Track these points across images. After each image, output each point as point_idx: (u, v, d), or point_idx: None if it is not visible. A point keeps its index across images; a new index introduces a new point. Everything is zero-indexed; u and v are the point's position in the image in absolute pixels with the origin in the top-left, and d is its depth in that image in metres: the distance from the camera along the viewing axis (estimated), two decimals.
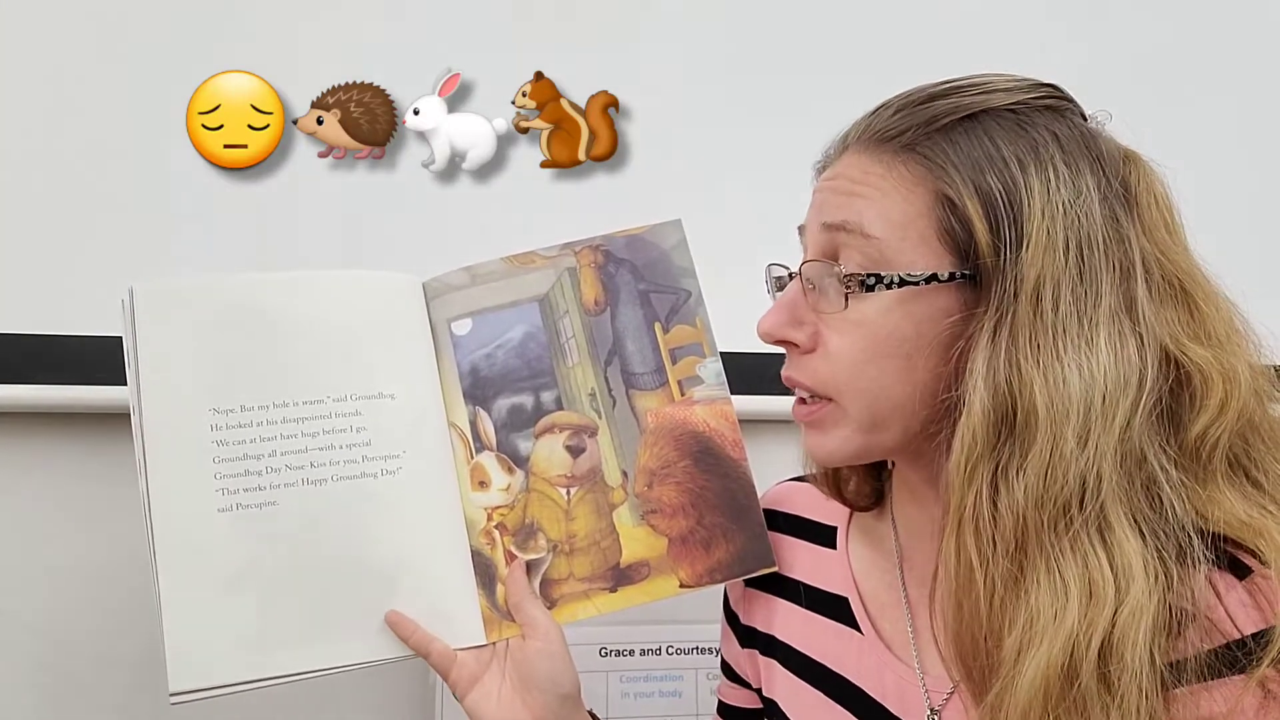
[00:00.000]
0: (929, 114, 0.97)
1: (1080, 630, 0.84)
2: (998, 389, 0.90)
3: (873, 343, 0.97)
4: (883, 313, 0.96)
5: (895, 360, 0.96)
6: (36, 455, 1.63)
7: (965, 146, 0.95)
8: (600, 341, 1.25)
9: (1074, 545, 0.87)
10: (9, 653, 1.62)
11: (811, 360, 1.01)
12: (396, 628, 1.14)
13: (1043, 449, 0.88)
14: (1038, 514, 0.88)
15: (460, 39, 1.73)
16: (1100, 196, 0.93)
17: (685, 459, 1.22)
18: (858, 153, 1.01)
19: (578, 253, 1.26)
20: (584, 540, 1.21)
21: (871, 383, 0.97)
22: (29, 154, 1.63)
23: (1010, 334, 0.90)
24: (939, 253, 0.95)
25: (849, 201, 0.98)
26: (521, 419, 1.23)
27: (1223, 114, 1.85)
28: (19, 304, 1.61)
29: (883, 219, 0.96)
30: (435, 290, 1.26)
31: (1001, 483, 0.89)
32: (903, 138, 0.97)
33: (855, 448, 1.01)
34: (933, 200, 0.95)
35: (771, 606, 1.22)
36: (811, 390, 1.02)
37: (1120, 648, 0.84)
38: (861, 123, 1.03)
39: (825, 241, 1.00)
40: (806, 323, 1.01)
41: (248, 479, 1.15)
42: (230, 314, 1.19)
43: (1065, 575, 0.87)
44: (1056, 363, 0.89)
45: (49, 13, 1.64)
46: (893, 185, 0.97)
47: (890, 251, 0.96)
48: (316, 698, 1.61)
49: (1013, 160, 0.94)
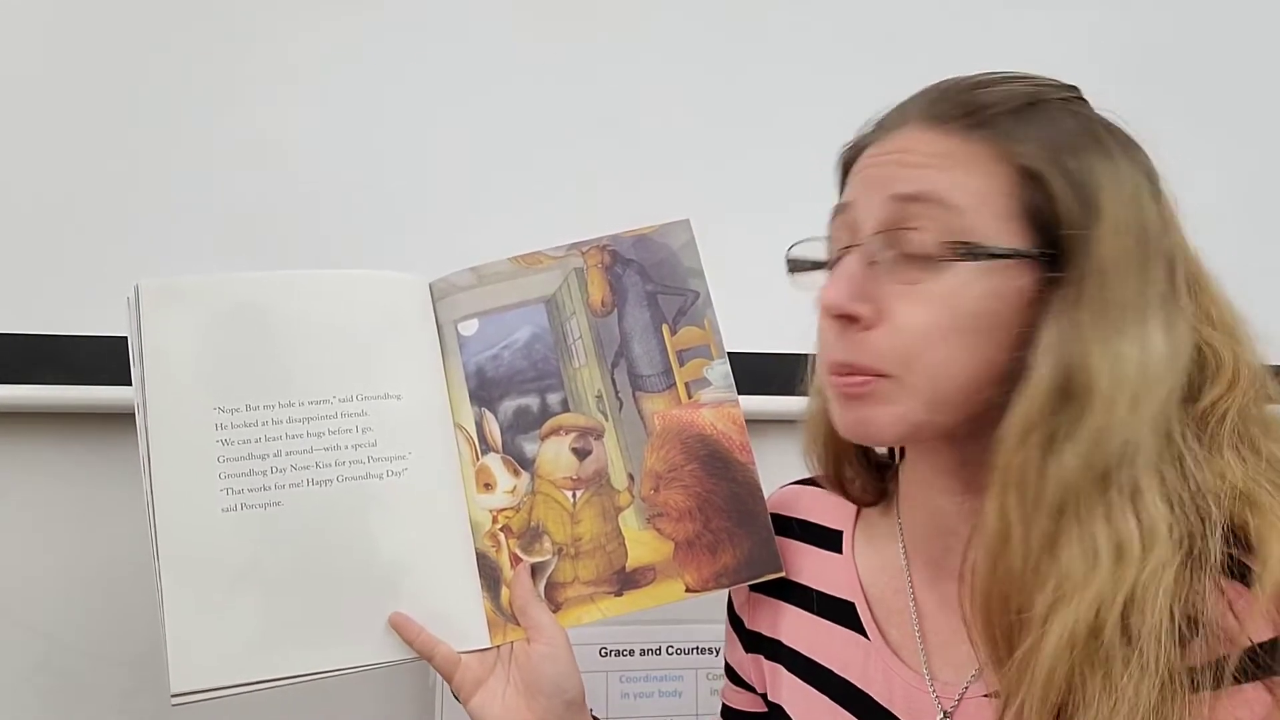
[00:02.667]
0: (993, 96, 0.97)
1: (1107, 590, 0.86)
2: (1061, 361, 0.90)
3: (952, 316, 0.94)
4: (964, 285, 0.93)
5: (968, 336, 0.94)
6: (36, 455, 1.62)
7: (1038, 126, 0.96)
8: (607, 343, 1.23)
9: (1108, 510, 0.89)
10: (9, 653, 1.61)
11: (873, 336, 0.96)
12: (401, 630, 1.13)
13: (1096, 420, 0.89)
14: (1080, 480, 0.89)
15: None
16: (1148, 188, 0.95)
17: (692, 462, 1.20)
18: (922, 129, 0.98)
19: (585, 253, 1.25)
20: (589, 543, 1.20)
21: (943, 359, 0.94)
22: (29, 154, 1.61)
23: (1080, 311, 0.91)
24: (1018, 229, 0.94)
25: (923, 174, 0.96)
26: (527, 421, 1.22)
27: (1231, 111, 1.84)
28: (19, 304, 1.59)
29: (963, 191, 0.94)
30: (442, 291, 1.24)
31: (1052, 448, 0.90)
32: (972, 117, 0.96)
33: (908, 427, 0.98)
34: (1016, 176, 0.94)
35: (777, 611, 1.21)
36: (874, 371, 0.96)
37: (1142, 604, 0.86)
38: (917, 103, 1.01)
39: (894, 212, 0.96)
40: (869, 298, 0.96)
41: (252, 479, 1.14)
42: (236, 312, 1.18)
43: (1098, 537, 0.88)
44: (1118, 340, 0.90)
45: (50, 12, 1.63)
46: (970, 159, 0.95)
47: (972, 223, 0.94)
48: (317, 698, 1.60)
49: (1081, 145, 0.95)
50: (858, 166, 1.03)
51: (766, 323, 1.58)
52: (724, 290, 1.27)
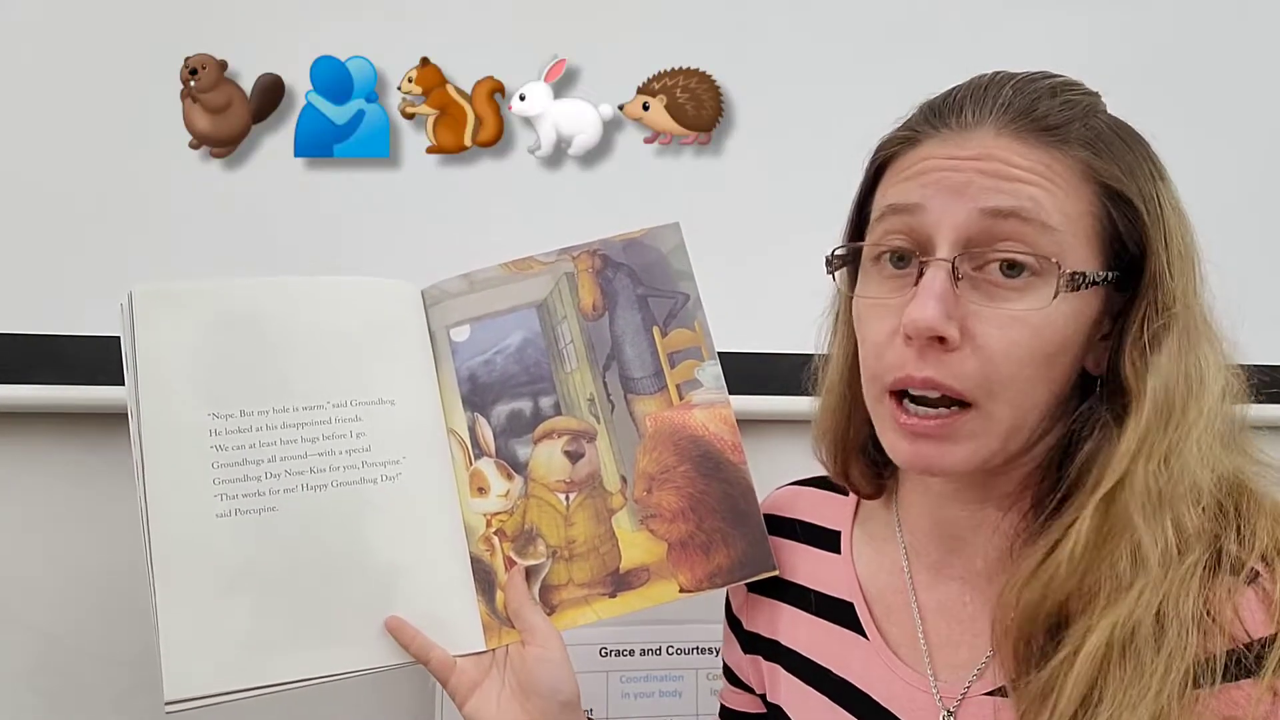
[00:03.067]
0: (1065, 107, 0.95)
1: (1149, 594, 0.88)
2: (1162, 381, 0.92)
3: (1037, 340, 0.92)
4: (1051, 308, 0.91)
5: (1052, 360, 0.93)
6: (36, 455, 1.62)
7: (1115, 147, 0.95)
8: (599, 346, 1.23)
9: (1161, 514, 0.90)
10: (9, 653, 1.61)
11: (959, 358, 0.92)
12: (397, 634, 1.13)
13: (1177, 433, 0.91)
14: (1163, 487, 0.90)
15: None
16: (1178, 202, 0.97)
17: (685, 463, 1.20)
18: (1008, 137, 0.94)
19: (575, 258, 1.25)
20: (583, 546, 1.20)
21: (1026, 384, 0.93)
22: (29, 153, 1.62)
23: (1165, 332, 0.93)
24: (1099, 251, 0.94)
25: (1016, 187, 0.92)
26: (520, 425, 1.22)
27: (1231, 111, 1.84)
28: (19, 304, 1.60)
29: (1059, 211, 0.92)
30: (434, 297, 1.24)
31: (1151, 463, 0.91)
32: (1055, 132, 0.94)
33: (982, 459, 0.95)
34: (1100, 198, 0.93)
35: (775, 611, 1.20)
36: (957, 393, 0.93)
37: (1176, 606, 0.87)
38: (987, 102, 0.96)
39: (985, 227, 0.92)
40: (954, 317, 0.92)
41: (247, 484, 1.13)
42: (229, 318, 1.18)
43: (1144, 543, 0.89)
44: (1192, 356, 0.93)
45: (50, 12, 1.62)
46: (1060, 176, 0.93)
47: (1067, 245, 0.92)
48: (316, 700, 1.58)
49: (1143, 161, 0.96)
50: (922, 165, 0.96)
51: (762, 323, 1.59)
52: (720, 291, 1.27)
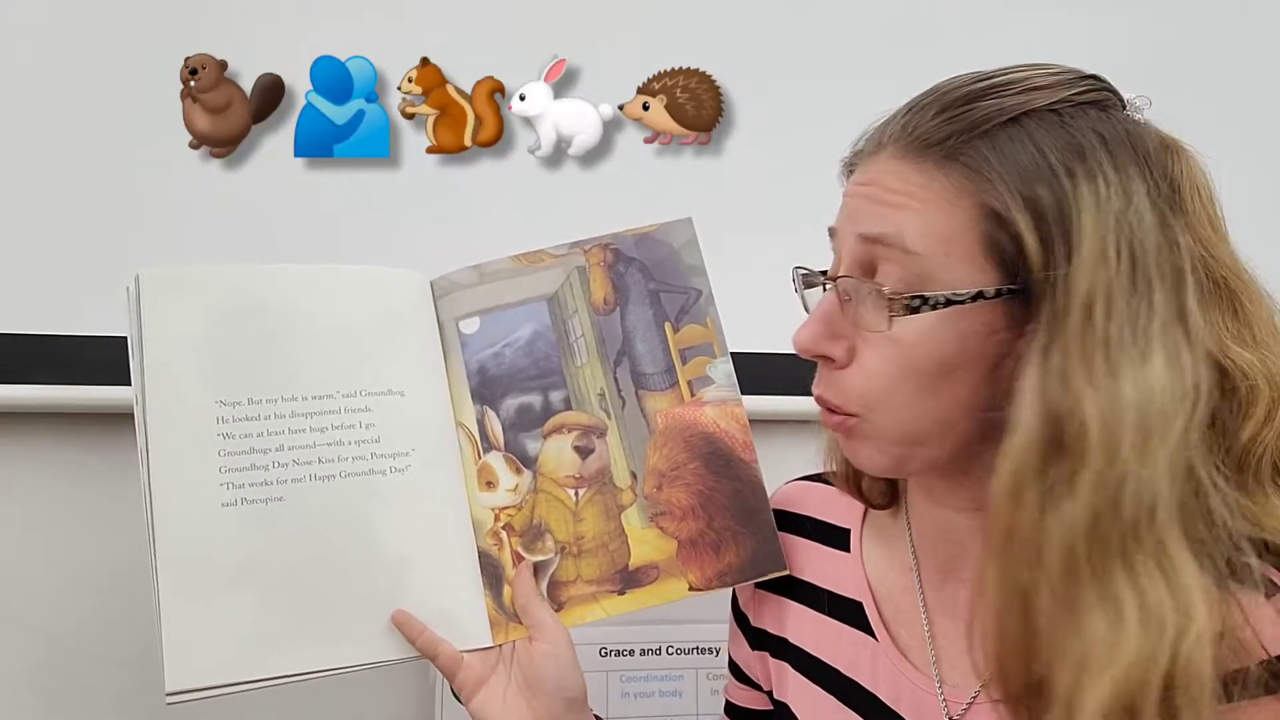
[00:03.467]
0: (971, 118, 0.90)
1: (1142, 661, 0.80)
2: (1048, 408, 0.84)
3: (912, 363, 0.91)
4: (925, 333, 0.90)
5: (934, 379, 0.91)
6: (36, 455, 1.62)
7: (1010, 154, 0.88)
8: (609, 341, 1.22)
9: (1129, 569, 0.82)
10: (9, 653, 1.60)
11: (845, 376, 0.95)
12: (404, 628, 1.12)
13: (1095, 469, 0.82)
14: (1090, 537, 0.82)
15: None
16: (1150, 202, 0.87)
17: (695, 461, 1.19)
18: (894, 158, 0.93)
19: (587, 251, 1.24)
20: (592, 542, 1.19)
21: (906, 401, 0.92)
22: (29, 153, 1.61)
23: (1062, 351, 0.84)
24: (984, 268, 0.88)
25: (887, 212, 0.91)
26: (530, 419, 1.21)
27: (1231, 111, 1.84)
28: (19, 304, 1.59)
29: (925, 233, 0.89)
30: (443, 288, 1.23)
31: (1050, 505, 0.84)
32: (944, 145, 0.90)
33: (892, 460, 0.97)
34: (978, 213, 0.88)
35: (783, 609, 1.19)
36: (839, 408, 0.96)
37: (1185, 679, 0.79)
38: (896, 123, 0.95)
39: (862, 253, 0.93)
40: (843, 336, 0.95)
41: (254, 473, 1.12)
42: (238, 305, 1.16)
43: (1122, 602, 0.81)
44: (1110, 379, 0.83)
45: (49, 12, 1.62)
46: (934, 196, 0.90)
47: (933, 267, 0.89)
48: (318, 696, 1.59)
49: (1060, 168, 0.87)
50: (845, 189, 0.99)
51: (762, 323, 1.58)
52: (728, 290, 1.26)
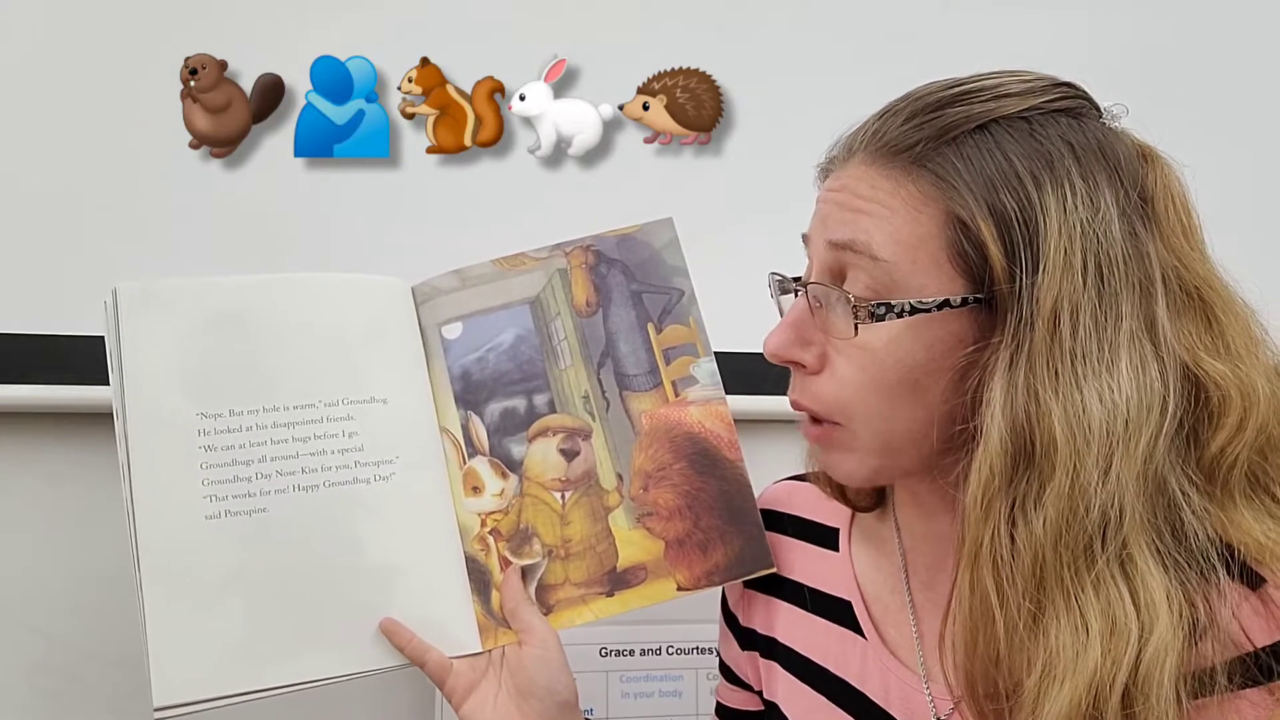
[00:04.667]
0: (939, 125, 0.90)
1: (1104, 670, 0.80)
2: (1015, 420, 0.84)
3: (881, 370, 0.91)
4: (892, 340, 0.90)
5: (904, 388, 0.91)
6: (35, 455, 1.62)
7: (977, 162, 0.88)
8: (593, 343, 1.21)
9: (1096, 581, 0.82)
10: (9, 653, 1.60)
11: (818, 382, 0.95)
12: (392, 636, 1.11)
13: (1062, 481, 0.82)
14: (1057, 549, 0.83)
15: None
16: (1119, 211, 0.87)
17: (681, 461, 1.18)
18: (864, 164, 0.93)
19: (568, 254, 1.22)
20: (580, 545, 1.17)
21: (879, 409, 0.92)
22: (29, 153, 1.61)
23: (1028, 362, 0.84)
24: (951, 276, 0.88)
25: (856, 219, 0.91)
26: (514, 423, 1.19)
27: (1231, 111, 1.81)
28: (19, 304, 1.59)
29: (892, 240, 0.89)
30: (425, 294, 1.22)
31: (1020, 517, 0.84)
32: (912, 151, 0.90)
33: (870, 470, 0.96)
34: (944, 221, 0.88)
35: (772, 608, 1.18)
36: (816, 414, 0.96)
37: (1145, 688, 0.79)
38: (868, 129, 0.95)
39: (831, 259, 0.93)
40: (814, 342, 0.94)
41: (236, 485, 1.11)
42: (217, 316, 1.15)
43: (1086, 612, 0.82)
44: (1076, 391, 0.83)
45: (48, 12, 1.62)
46: (902, 203, 0.90)
47: (900, 275, 0.89)
48: (315, 701, 1.55)
49: (1027, 176, 0.87)
50: (819, 195, 0.99)
51: (762, 323, 1.56)
52: (727, 290, 1.25)
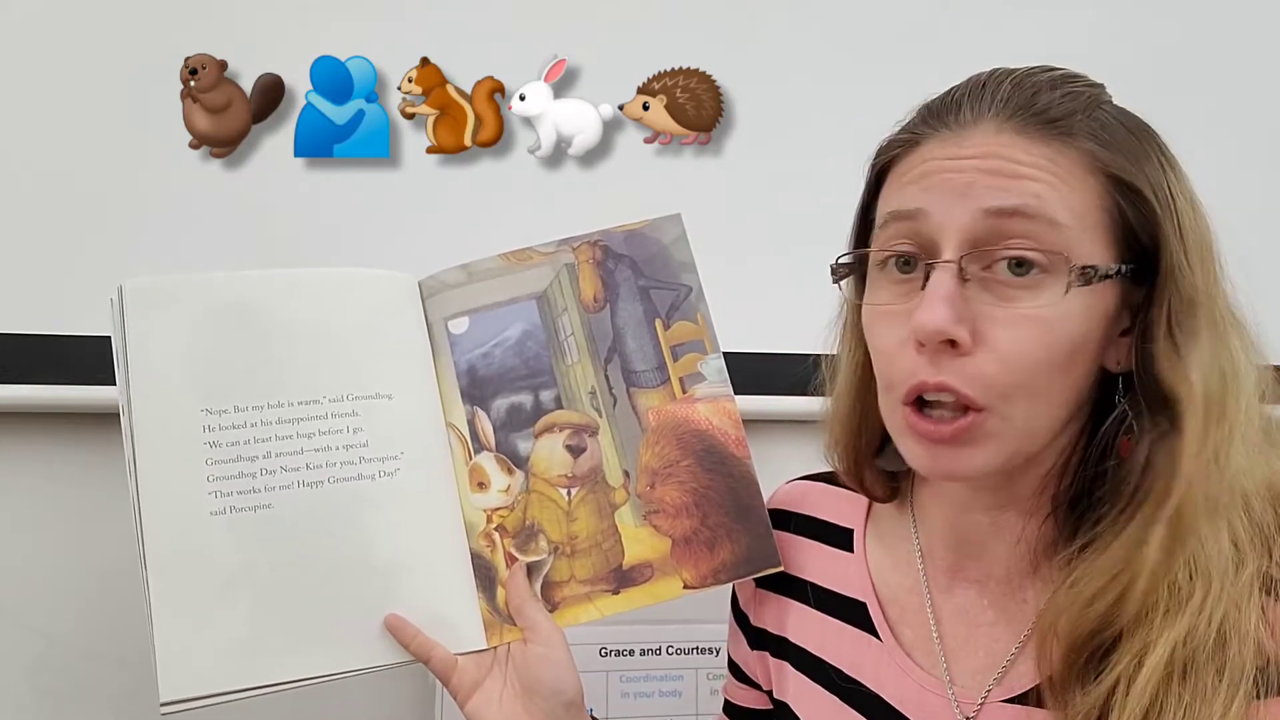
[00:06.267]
0: (1082, 99, 0.90)
1: (1209, 608, 0.83)
2: (1204, 378, 0.86)
3: (1053, 341, 0.87)
4: (1064, 306, 0.86)
5: (1068, 359, 0.88)
6: (36, 455, 1.60)
7: (1118, 136, 0.89)
8: (600, 339, 1.18)
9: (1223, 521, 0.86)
10: (9, 653, 1.59)
11: (974, 363, 0.87)
12: (397, 633, 1.09)
13: (1228, 432, 0.86)
14: (1229, 495, 0.86)
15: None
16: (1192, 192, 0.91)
17: (688, 458, 1.16)
18: (1009, 134, 0.89)
19: (576, 249, 1.20)
20: (586, 542, 1.15)
21: (1043, 384, 0.88)
22: (29, 154, 1.59)
23: (1196, 323, 0.87)
24: (1110, 244, 0.88)
25: (1018, 184, 0.87)
26: (521, 419, 1.17)
27: (1231, 112, 1.80)
28: (19, 304, 1.58)
29: (1065, 206, 0.86)
30: (431, 288, 1.20)
31: (1214, 465, 0.86)
32: (1058, 124, 0.88)
33: (1002, 462, 0.90)
34: (1110, 188, 0.88)
35: (784, 608, 1.15)
36: (970, 399, 0.88)
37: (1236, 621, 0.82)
38: (985, 99, 0.91)
39: (989, 228, 0.87)
40: (964, 319, 0.87)
41: (242, 481, 1.09)
42: (222, 312, 1.13)
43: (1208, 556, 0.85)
44: (1225, 351, 0.87)
45: (50, 12, 1.60)
46: (1066, 171, 0.87)
47: (1075, 241, 0.86)
48: (317, 699, 1.53)
49: (1155, 154, 0.90)
50: (923, 168, 0.92)
51: (762, 323, 1.55)
52: (728, 290, 1.23)
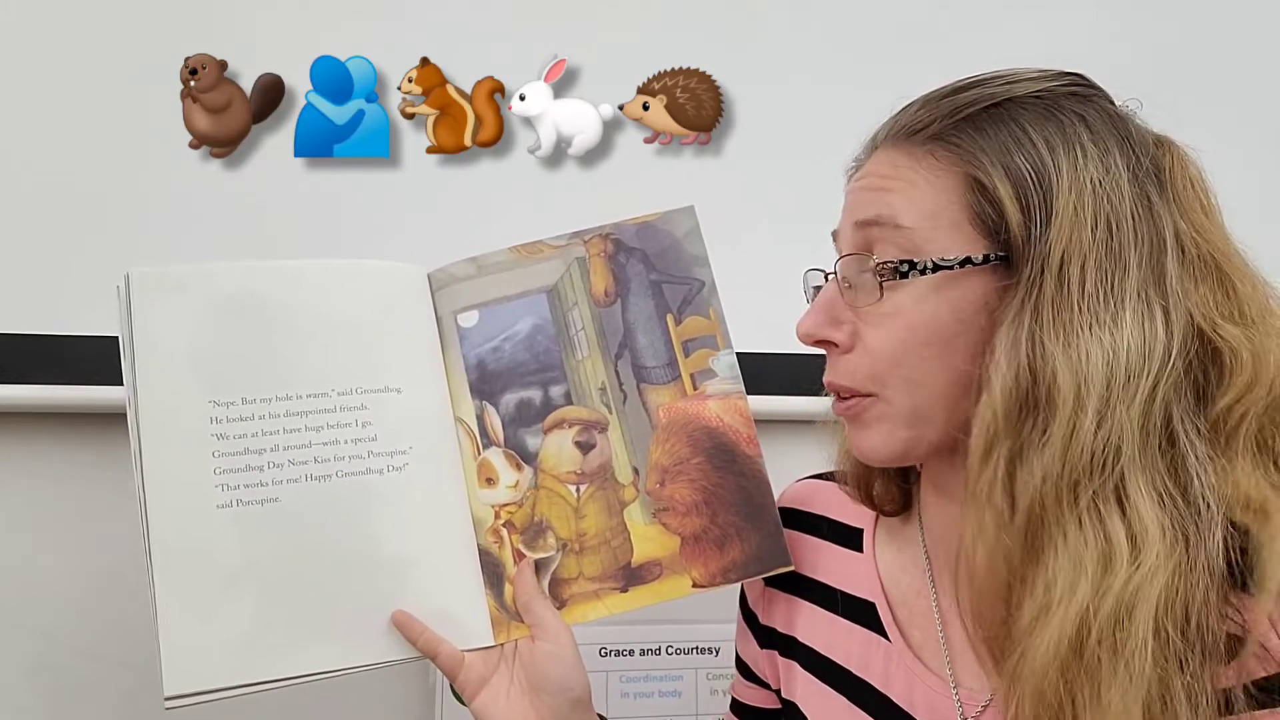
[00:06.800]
0: (954, 105, 0.94)
1: (1093, 598, 0.82)
2: (1020, 366, 0.86)
3: (910, 332, 0.92)
4: (918, 301, 0.92)
5: (934, 349, 0.92)
6: (36, 455, 1.59)
7: (992, 132, 0.92)
8: (610, 334, 1.17)
9: (1091, 516, 0.84)
10: (8, 653, 1.58)
11: (851, 359, 0.96)
12: (404, 629, 1.07)
13: (1064, 426, 0.84)
14: (1056, 489, 0.85)
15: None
16: (1130, 175, 0.90)
17: (698, 455, 1.14)
18: (886, 150, 0.97)
19: (587, 242, 1.19)
20: (594, 539, 1.13)
21: (912, 373, 0.93)
22: (29, 154, 1.59)
23: (1034, 311, 0.87)
24: (971, 237, 0.91)
25: (879, 197, 0.95)
26: (530, 414, 1.16)
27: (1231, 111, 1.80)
28: (19, 304, 1.57)
29: (914, 209, 0.93)
30: (441, 281, 1.18)
31: (1020, 461, 0.86)
32: (929, 129, 0.94)
33: (900, 443, 0.96)
34: (962, 185, 0.91)
35: (793, 607, 1.15)
36: (852, 391, 0.97)
37: (1129, 614, 0.81)
38: (888, 122, 1.00)
39: (859, 239, 0.96)
40: (845, 321, 0.97)
41: (249, 474, 1.07)
42: (230, 302, 1.11)
43: (1082, 546, 0.84)
44: (1079, 338, 0.85)
45: (50, 12, 1.60)
46: (922, 176, 0.93)
47: (922, 240, 0.92)
48: (318, 697, 1.55)
49: (1040, 141, 0.91)
50: (846, 190, 1.02)
51: (763, 323, 1.54)
52: (729, 290, 1.21)
